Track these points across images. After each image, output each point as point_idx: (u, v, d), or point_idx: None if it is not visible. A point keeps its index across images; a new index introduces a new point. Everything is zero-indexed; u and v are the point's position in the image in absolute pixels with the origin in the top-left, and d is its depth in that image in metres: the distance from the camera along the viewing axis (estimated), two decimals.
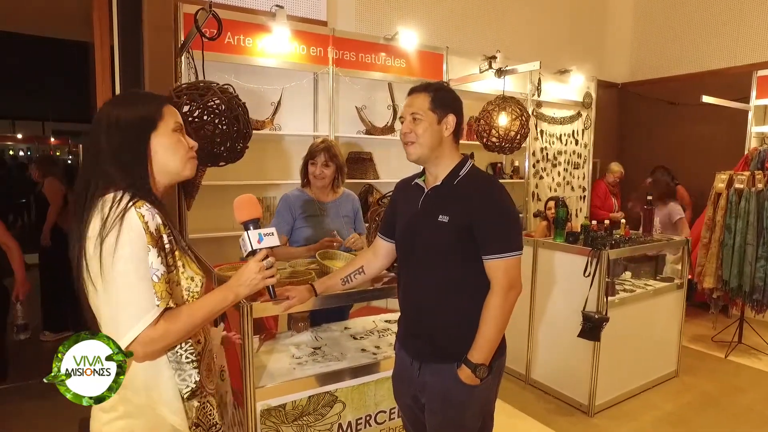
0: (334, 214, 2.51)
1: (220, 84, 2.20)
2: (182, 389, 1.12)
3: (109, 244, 1.00)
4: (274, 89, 3.53)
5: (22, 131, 10.38)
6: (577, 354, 3.03)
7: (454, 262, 1.50)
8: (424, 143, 1.51)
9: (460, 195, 1.50)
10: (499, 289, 1.45)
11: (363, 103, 3.89)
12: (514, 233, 1.49)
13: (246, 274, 1.18)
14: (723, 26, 5.12)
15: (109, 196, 1.05)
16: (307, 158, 2.49)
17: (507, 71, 3.63)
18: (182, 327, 1.06)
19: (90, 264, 1.03)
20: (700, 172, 5.19)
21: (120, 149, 1.09)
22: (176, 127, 1.16)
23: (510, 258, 1.45)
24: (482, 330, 1.46)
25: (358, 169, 3.81)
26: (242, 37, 3.26)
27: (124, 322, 1.01)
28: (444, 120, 1.51)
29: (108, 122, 1.10)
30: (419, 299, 1.58)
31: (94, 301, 1.06)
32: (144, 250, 1.02)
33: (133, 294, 1.01)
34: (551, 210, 4.18)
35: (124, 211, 1.02)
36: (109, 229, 1.00)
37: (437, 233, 1.49)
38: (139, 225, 1.02)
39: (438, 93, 1.52)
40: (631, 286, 3.31)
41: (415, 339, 1.62)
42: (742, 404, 3.21)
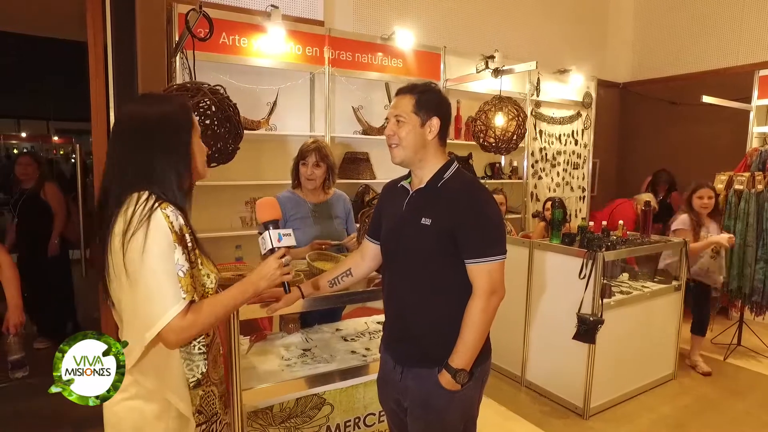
0: (325, 215, 2.50)
1: (211, 85, 2.20)
2: (189, 378, 1.20)
3: (137, 241, 1.07)
4: (270, 89, 3.52)
5: (27, 130, 10.43)
6: (572, 356, 3.01)
7: (436, 266, 1.48)
8: (407, 146, 1.49)
9: (443, 198, 1.48)
10: (481, 293, 1.44)
11: (360, 103, 3.88)
12: (497, 237, 1.48)
13: (266, 270, 1.27)
14: (724, 25, 5.08)
15: (134, 195, 1.12)
16: (298, 159, 2.49)
17: (504, 71, 3.61)
18: (207, 317, 1.14)
19: (114, 259, 1.10)
20: (702, 172, 5.12)
21: (166, 147, 1.16)
22: (199, 134, 1.27)
23: (493, 262, 1.44)
24: (463, 335, 1.45)
25: (355, 170, 3.80)
26: (237, 37, 3.26)
27: (153, 313, 1.08)
28: (428, 123, 1.49)
29: (153, 120, 1.16)
30: (401, 303, 1.57)
31: (117, 294, 1.13)
32: (170, 248, 1.09)
33: (161, 288, 1.08)
34: (549, 210, 4.17)
35: (150, 211, 1.09)
36: (137, 227, 1.07)
37: (419, 236, 1.48)
38: (165, 225, 1.09)
39: (423, 95, 1.50)
40: (628, 287, 3.29)
41: (397, 343, 1.61)
42: (741, 408, 3.18)
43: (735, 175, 3.89)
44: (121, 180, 1.14)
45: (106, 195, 1.15)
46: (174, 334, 1.10)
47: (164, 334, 1.09)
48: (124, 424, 1.17)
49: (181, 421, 1.20)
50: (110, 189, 1.15)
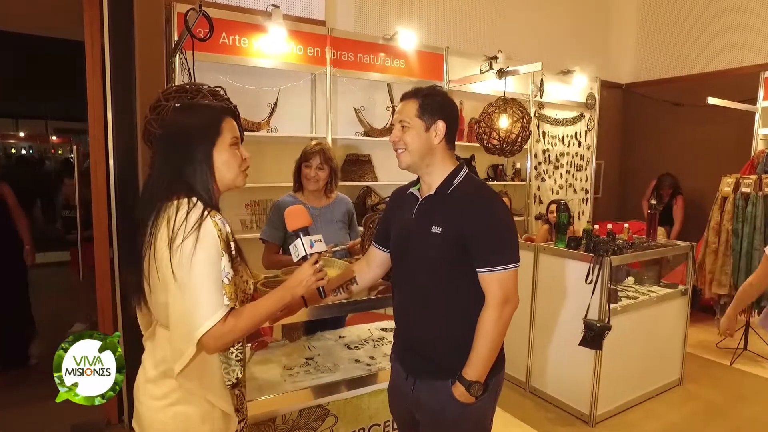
0: (327, 219, 2.44)
1: (210, 86, 2.14)
2: (225, 381, 1.26)
3: (187, 248, 1.10)
4: (271, 90, 3.46)
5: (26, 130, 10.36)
6: (578, 362, 2.96)
7: (447, 275, 1.44)
8: (413, 151, 1.46)
9: (453, 205, 1.44)
10: (494, 303, 1.39)
11: (361, 104, 3.83)
12: (510, 245, 1.43)
13: (302, 276, 1.29)
14: (729, 26, 5.03)
15: (182, 201, 1.16)
16: (301, 161, 2.43)
17: (508, 72, 3.56)
18: (246, 324, 1.18)
19: (160, 266, 1.13)
20: (706, 174, 5.11)
21: (187, 159, 1.19)
22: (233, 141, 1.25)
23: (505, 271, 1.39)
24: (476, 346, 1.41)
25: (357, 172, 3.74)
26: (237, 37, 3.20)
27: (198, 318, 1.11)
28: (433, 127, 1.45)
29: (175, 131, 1.23)
30: (413, 313, 1.53)
31: (159, 299, 1.17)
32: (218, 256, 1.13)
33: (207, 294, 1.11)
34: (553, 213, 4.11)
35: (201, 219, 1.12)
36: (187, 234, 1.10)
37: (430, 245, 1.44)
38: (214, 233, 1.13)
39: (426, 99, 1.46)
40: (634, 292, 3.24)
41: (409, 353, 1.57)
42: (748, 415, 3.13)
43: (742, 177, 3.84)
44: (161, 189, 1.19)
45: (147, 203, 1.19)
46: (214, 340, 1.13)
47: (204, 340, 1.12)
48: (170, 431, 1.21)
49: (224, 421, 1.26)
50: (151, 197, 1.19)
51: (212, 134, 1.22)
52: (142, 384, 1.26)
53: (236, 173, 1.26)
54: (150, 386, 1.24)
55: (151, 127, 2.07)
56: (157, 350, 1.24)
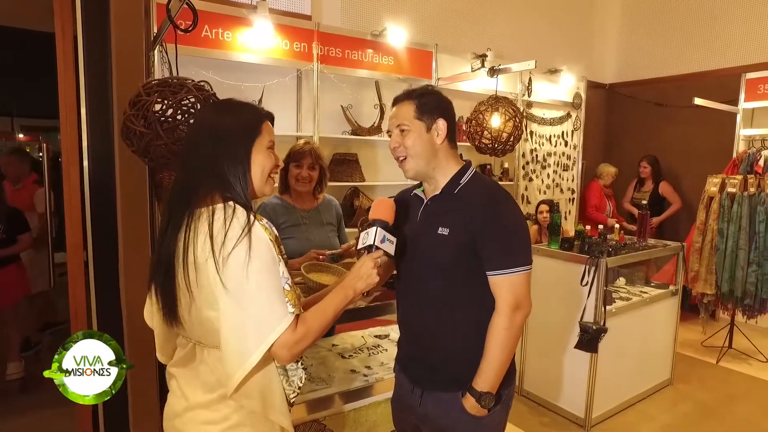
0: (317, 222, 2.33)
1: (195, 80, 2.01)
2: (289, 394, 1.16)
3: (239, 257, 1.01)
4: (255, 86, 3.32)
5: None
6: (573, 365, 2.92)
7: (455, 279, 1.37)
8: (417, 155, 1.38)
9: (461, 205, 1.37)
10: (505, 308, 1.32)
11: (349, 102, 3.72)
12: (521, 246, 1.36)
13: (364, 270, 1.21)
14: (711, 28, 5.08)
15: (217, 206, 1.07)
16: (289, 161, 2.31)
17: (500, 70, 3.49)
18: (317, 327, 1.10)
19: (200, 278, 1.03)
20: (689, 174, 5.16)
21: (224, 159, 1.10)
22: (270, 144, 1.17)
23: (516, 274, 1.32)
24: (487, 354, 1.33)
25: (344, 171, 3.63)
26: (221, 30, 3.05)
27: (261, 331, 1.02)
28: (434, 126, 1.38)
29: (211, 129, 1.12)
30: (419, 320, 1.44)
31: (204, 314, 1.06)
32: (275, 262, 1.05)
33: (270, 304, 1.03)
34: (542, 214, 4.09)
35: (249, 225, 1.03)
36: (238, 242, 1.01)
37: (437, 247, 1.36)
38: (266, 238, 1.05)
39: (422, 98, 1.39)
40: (626, 293, 3.22)
41: (415, 363, 1.48)
42: (739, 415, 3.14)
43: (727, 177, 3.86)
44: (196, 190, 1.09)
45: (179, 207, 1.09)
46: (286, 349, 1.05)
47: (276, 351, 1.04)
48: None
49: None
50: (183, 200, 1.09)
51: (253, 134, 1.14)
52: (188, 411, 1.14)
53: (265, 178, 1.16)
54: (202, 412, 1.13)
55: (131, 124, 1.93)
56: (208, 374, 1.12)
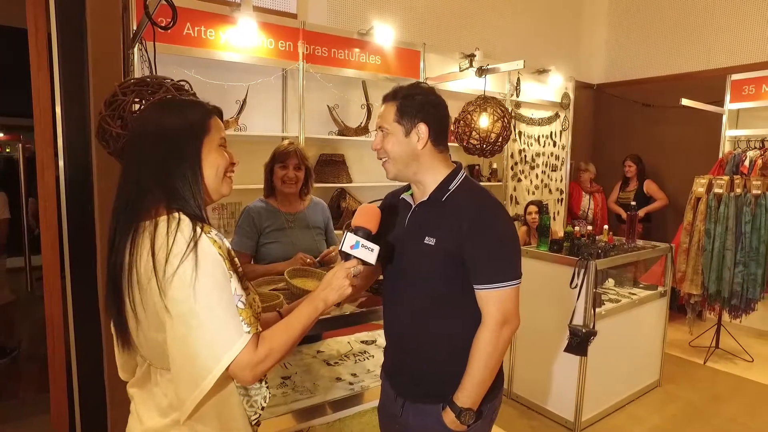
0: (303, 225, 2.27)
1: (174, 80, 1.94)
2: (250, 416, 1.08)
3: (185, 275, 0.92)
4: (239, 86, 3.25)
5: None
6: (562, 368, 2.89)
7: (441, 291, 1.32)
8: (396, 159, 1.33)
9: (448, 213, 1.31)
10: (492, 323, 1.27)
11: (335, 102, 3.66)
12: (511, 259, 1.30)
13: (336, 282, 1.13)
14: (697, 29, 5.11)
15: (162, 219, 0.98)
16: (274, 163, 2.25)
17: (489, 70, 3.46)
18: (283, 345, 1.02)
19: (144, 297, 0.96)
20: (676, 174, 5.18)
21: (170, 163, 1.01)
22: (221, 142, 1.09)
23: (505, 288, 1.27)
24: (470, 369, 1.28)
25: (330, 173, 3.57)
26: (203, 28, 2.98)
27: (214, 354, 0.93)
28: (413, 131, 1.31)
29: (154, 131, 1.02)
30: (403, 330, 1.40)
31: (151, 336, 0.99)
32: (226, 278, 0.96)
33: (220, 325, 0.94)
34: (531, 215, 4.07)
35: (195, 238, 0.94)
36: (183, 259, 0.92)
37: (423, 257, 1.31)
38: (215, 252, 0.95)
39: (405, 101, 1.32)
40: (615, 295, 3.20)
41: (399, 373, 1.44)
42: (726, 415, 3.15)
43: (714, 178, 3.87)
44: (139, 200, 0.99)
45: (122, 219, 1.00)
46: (248, 371, 0.96)
47: (236, 373, 0.96)
48: None
49: None
50: (126, 212, 1.00)
51: (200, 132, 1.05)
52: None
53: (222, 178, 1.08)
54: None
55: (106, 125, 1.85)
56: (161, 397, 1.05)
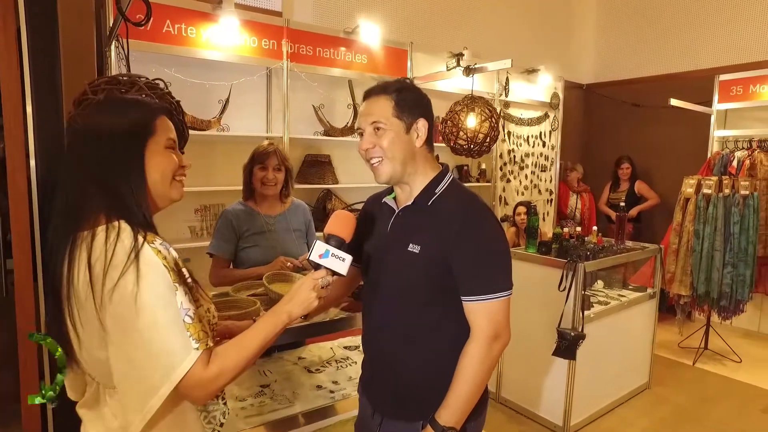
0: (283, 228, 2.21)
1: (148, 78, 1.87)
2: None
3: (125, 290, 0.85)
4: (222, 85, 3.18)
5: None
6: (550, 372, 2.85)
7: (426, 302, 1.24)
8: (394, 158, 1.22)
9: (434, 219, 1.23)
10: (482, 338, 1.19)
11: (321, 102, 3.60)
12: (502, 269, 1.23)
13: (302, 294, 1.06)
14: (685, 30, 5.10)
15: (100, 229, 0.90)
16: (253, 164, 2.19)
17: (476, 69, 3.41)
18: (238, 361, 0.95)
19: (82, 314, 0.90)
20: (665, 174, 5.17)
21: (111, 167, 0.94)
22: (169, 143, 1.01)
23: (496, 300, 1.19)
24: (456, 386, 1.19)
25: (316, 174, 3.51)
26: (184, 26, 2.91)
27: (160, 372, 0.87)
28: (414, 127, 1.23)
29: (93, 132, 0.95)
30: (383, 342, 1.32)
31: (94, 354, 0.92)
32: (170, 291, 0.89)
33: (166, 341, 0.87)
34: (520, 215, 4.02)
35: (136, 249, 0.87)
36: (121, 272, 0.85)
37: (406, 266, 1.23)
38: (159, 263, 0.88)
39: (401, 94, 1.23)
40: (604, 297, 3.17)
41: (376, 388, 1.36)
42: (715, 417, 3.12)
43: (703, 179, 3.86)
44: (76, 208, 0.92)
45: (61, 229, 0.93)
46: (200, 389, 0.90)
47: (187, 391, 0.90)
48: None
49: None
50: (65, 221, 0.93)
51: (144, 133, 0.98)
52: None
53: (170, 182, 1.01)
54: None
55: (75, 125, 1.78)
56: (111, 418, 0.97)
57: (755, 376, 3.68)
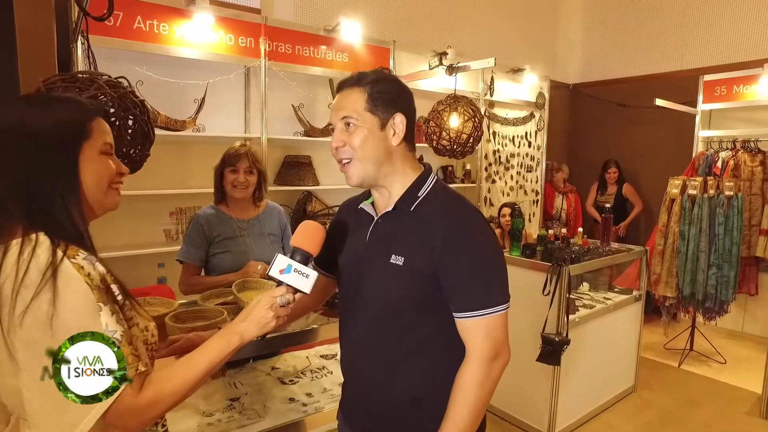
0: (256, 233, 2.12)
1: (111, 76, 1.77)
2: None
3: (39, 313, 0.76)
4: (197, 84, 3.08)
5: None
6: (534, 377, 2.79)
7: (412, 320, 1.11)
8: (366, 158, 1.09)
9: (418, 226, 1.09)
10: (479, 359, 1.05)
11: (301, 101, 3.51)
12: (498, 280, 1.10)
13: (256, 311, 0.97)
14: (671, 30, 5.09)
15: (14, 243, 0.81)
16: (224, 166, 2.10)
17: (459, 68, 3.35)
18: (179, 387, 0.88)
19: None
20: (650, 174, 5.16)
21: (35, 172, 0.84)
22: (105, 148, 0.93)
23: (492, 315, 1.06)
24: (453, 414, 1.05)
25: (295, 175, 3.42)
26: (156, 22, 2.80)
27: (78, 406, 0.77)
28: (390, 122, 1.10)
29: (17, 133, 0.85)
30: (365, 365, 1.18)
31: (8, 382, 0.81)
32: (93, 312, 0.80)
33: None
34: (505, 217, 3.97)
35: (53, 265, 0.78)
36: (34, 293, 0.76)
37: (389, 280, 1.09)
38: (79, 280, 0.79)
39: (376, 86, 1.10)
40: (590, 300, 3.12)
41: (359, 417, 1.23)
42: (700, 420, 3.09)
43: (688, 179, 3.83)
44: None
45: None
46: (130, 417, 0.82)
47: (116, 421, 0.82)
48: None
49: None
50: None
51: (78, 136, 0.89)
52: None
53: (106, 190, 0.93)
54: None
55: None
56: None
57: (739, 377, 3.66)
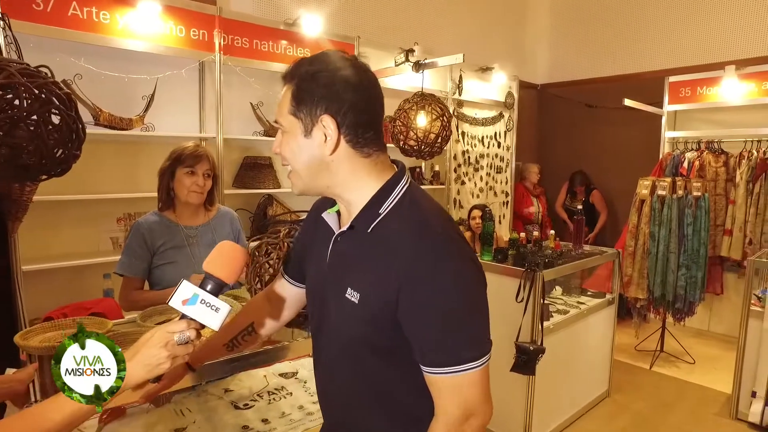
0: (207, 241, 1.92)
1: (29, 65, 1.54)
2: None
3: None
4: (145, 79, 2.84)
5: None
6: (508, 386, 2.68)
7: (372, 366, 0.93)
8: (299, 169, 0.92)
9: (377, 255, 0.87)
10: (447, 418, 0.86)
11: (260, 99, 3.30)
12: (471, 329, 0.87)
13: (146, 351, 0.80)
14: (636, 32, 5.11)
15: None
16: (174, 166, 1.89)
17: (426, 65, 3.22)
18: None
19: None
20: (618, 174, 5.17)
21: None
22: None
23: (467, 372, 0.84)
24: None
25: (255, 177, 3.21)
26: (95, 10, 2.55)
27: None
28: (315, 128, 0.87)
29: None
30: (341, 396, 1.02)
31: None
32: None
33: None
34: (475, 219, 3.86)
35: None
36: None
37: (345, 318, 0.91)
38: None
39: (304, 82, 0.87)
40: (563, 305, 3.03)
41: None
42: (673, 422, 3.06)
43: (658, 180, 3.81)
44: None
45: None
46: None
47: None
48: None
49: None
50: None
51: None
52: None
53: None
54: None
55: None
56: None
57: (708, 377, 3.66)
